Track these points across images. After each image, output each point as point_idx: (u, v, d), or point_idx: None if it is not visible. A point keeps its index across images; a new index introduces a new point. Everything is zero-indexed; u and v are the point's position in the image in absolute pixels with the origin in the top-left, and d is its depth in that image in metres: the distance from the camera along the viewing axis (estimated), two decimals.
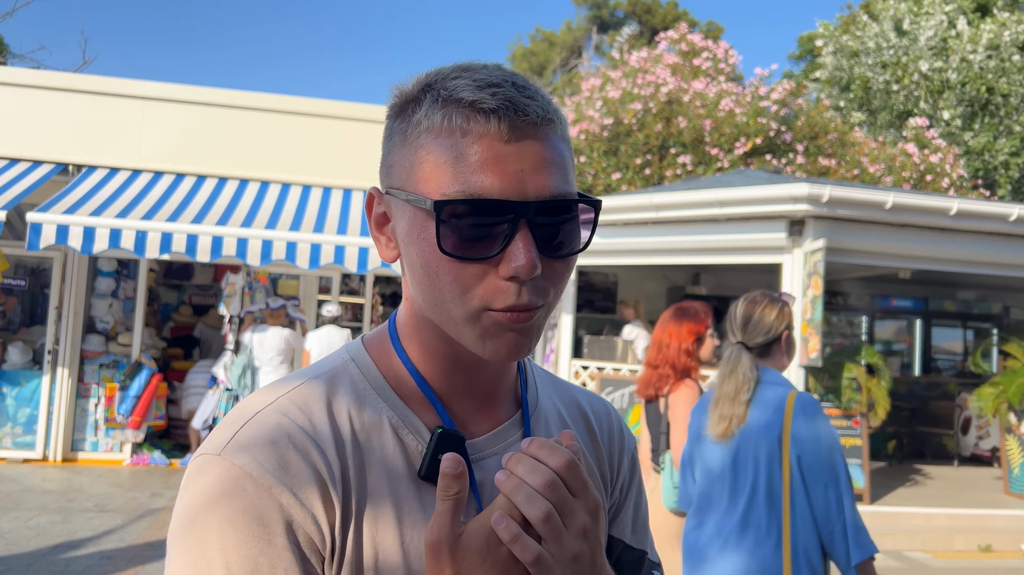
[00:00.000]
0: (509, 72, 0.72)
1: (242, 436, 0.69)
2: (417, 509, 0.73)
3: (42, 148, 8.01)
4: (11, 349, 7.93)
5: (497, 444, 0.80)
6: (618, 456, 0.92)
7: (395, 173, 0.73)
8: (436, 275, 0.69)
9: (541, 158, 0.68)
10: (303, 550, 0.67)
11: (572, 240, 0.71)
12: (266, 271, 8.12)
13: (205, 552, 0.65)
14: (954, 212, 6.61)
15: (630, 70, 12.84)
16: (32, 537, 5.35)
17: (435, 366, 0.78)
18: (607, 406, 0.96)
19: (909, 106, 16.79)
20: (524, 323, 0.69)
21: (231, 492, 0.66)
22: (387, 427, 0.75)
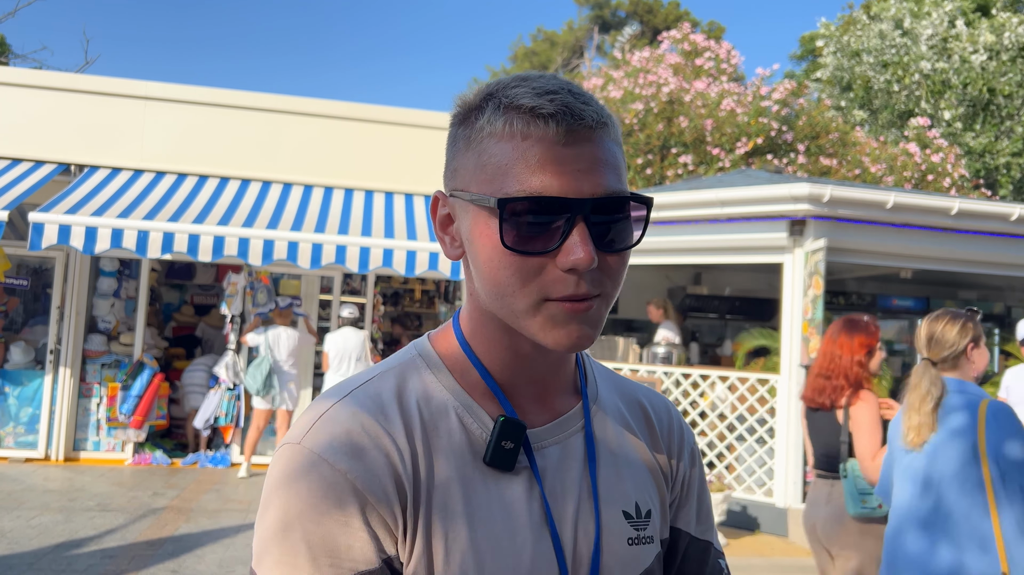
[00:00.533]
0: (565, 80, 0.77)
1: (320, 426, 0.75)
2: (483, 493, 0.77)
3: (44, 148, 8.03)
4: (13, 349, 7.94)
5: (558, 434, 0.84)
6: (678, 450, 0.96)
7: (459, 176, 0.78)
8: (499, 269, 0.74)
9: (596, 159, 0.73)
10: (377, 530, 0.72)
11: (625, 236, 0.76)
12: (268, 271, 8.13)
13: (287, 530, 0.71)
14: (955, 212, 6.61)
15: (632, 70, 12.84)
16: (34, 536, 5.37)
17: (497, 358, 0.82)
18: (666, 402, 1.00)
19: (910, 106, 16.77)
20: (583, 312, 0.74)
21: (310, 476, 0.72)
22: (453, 416, 0.80)
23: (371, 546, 0.72)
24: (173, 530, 5.71)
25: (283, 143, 8.45)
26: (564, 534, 0.79)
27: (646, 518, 0.86)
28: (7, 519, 5.73)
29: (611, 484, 0.85)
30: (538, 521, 0.78)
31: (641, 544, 0.85)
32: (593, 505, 0.82)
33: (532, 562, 0.76)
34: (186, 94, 8.34)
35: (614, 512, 0.84)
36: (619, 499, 0.85)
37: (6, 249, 7.58)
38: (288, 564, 0.70)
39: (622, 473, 0.87)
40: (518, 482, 0.79)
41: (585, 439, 0.85)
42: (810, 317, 6.38)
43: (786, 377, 6.66)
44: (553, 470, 0.81)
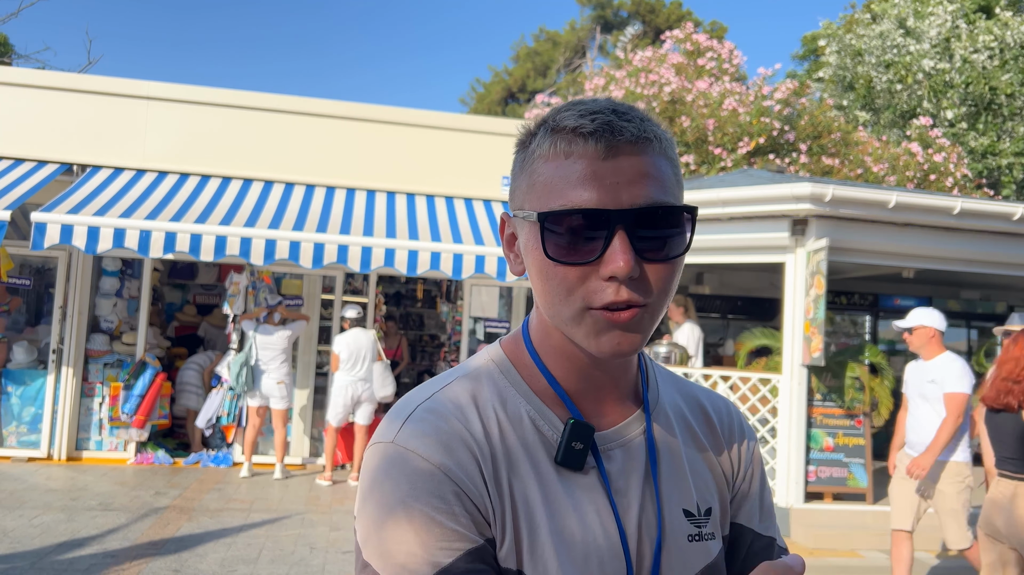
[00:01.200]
0: (615, 103, 0.81)
1: (408, 426, 0.81)
2: (560, 490, 0.82)
3: (47, 148, 8.04)
4: (16, 348, 7.95)
5: (622, 437, 0.88)
6: (738, 448, 1.00)
7: (516, 197, 0.84)
8: (547, 279, 0.79)
9: (637, 171, 0.77)
10: (472, 514, 0.77)
11: (671, 245, 0.79)
12: (270, 270, 8.14)
13: (395, 520, 0.75)
14: (958, 211, 6.60)
15: (634, 69, 12.84)
16: (36, 535, 5.37)
17: (563, 366, 0.87)
18: (727, 402, 1.04)
19: (912, 105, 16.75)
20: (624, 321, 0.77)
21: (406, 468, 0.77)
22: (526, 419, 0.85)
23: (472, 527, 0.76)
24: (175, 529, 5.72)
25: (285, 143, 8.46)
26: (629, 531, 0.84)
27: (706, 515, 0.91)
28: (9, 518, 5.73)
29: (672, 484, 0.89)
30: (606, 519, 0.83)
31: (702, 541, 0.89)
32: (655, 505, 0.87)
33: (601, 556, 0.81)
34: (188, 94, 8.35)
35: (675, 511, 0.88)
36: (680, 498, 0.89)
37: (9, 249, 7.59)
38: (403, 552, 0.74)
39: (682, 473, 0.91)
40: (587, 482, 0.84)
41: (647, 442, 0.90)
42: (812, 317, 6.38)
43: (788, 377, 6.66)
44: (618, 471, 0.86)
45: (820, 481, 6.72)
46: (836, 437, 6.79)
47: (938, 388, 4.63)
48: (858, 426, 6.91)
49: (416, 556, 0.74)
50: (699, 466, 0.94)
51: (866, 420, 6.93)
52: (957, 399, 4.54)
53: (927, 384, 4.71)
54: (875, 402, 7.02)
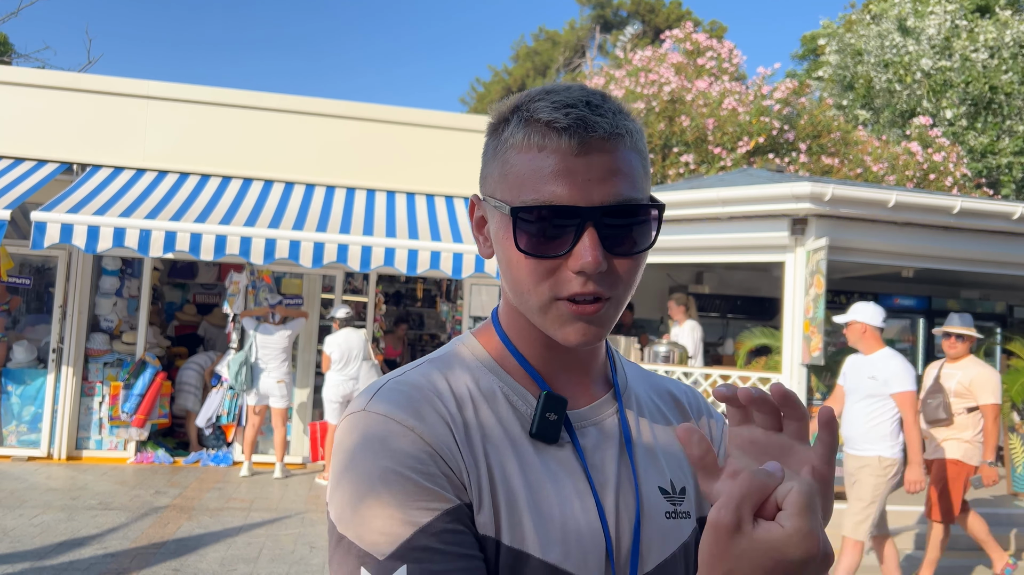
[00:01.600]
0: (588, 93, 0.81)
1: (380, 395, 0.81)
2: (536, 463, 0.83)
3: (47, 147, 8.04)
4: (16, 347, 7.95)
5: (595, 416, 0.89)
6: (709, 429, 1.01)
7: (488, 183, 0.85)
8: (516, 270, 0.81)
9: (608, 168, 0.78)
10: (448, 477, 0.77)
11: (637, 240, 0.81)
12: (270, 270, 8.14)
13: (371, 484, 0.75)
14: (957, 210, 6.60)
15: (633, 69, 12.84)
16: (37, 535, 5.38)
17: (532, 347, 0.88)
18: (693, 390, 1.06)
19: (912, 105, 16.75)
20: (591, 314, 0.79)
21: (382, 433, 0.77)
22: (500, 394, 0.86)
23: (450, 488, 0.76)
24: (175, 529, 5.72)
25: (285, 142, 8.46)
26: (606, 506, 0.84)
27: (681, 494, 0.91)
28: (10, 517, 5.74)
29: (647, 462, 0.90)
30: (583, 492, 0.83)
31: (678, 518, 0.90)
32: (632, 481, 0.87)
33: (580, 529, 0.81)
34: (188, 93, 8.35)
35: (651, 487, 0.89)
36: (655, 476, 0.90)
37: (9, 248, 7.59)
38: (380, 515, 0.74)
39: (655, 452, 0.92)
40: (563, 455, 0.84)
41: (620, 421, 0.91)
42: (811, 316, 6.38)
43: (788, 376, 6.66)
44: (593, 447, 0.87)
45: None
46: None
47: (879, 385, 4.59)
48: None
49: (394, 518, 0.73)
50: (672, 447, 0.94)
51: None
52: (909, 398, 4.51)
53: (867, 380, 4.67)
54: None
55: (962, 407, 5.23)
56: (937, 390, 5.38)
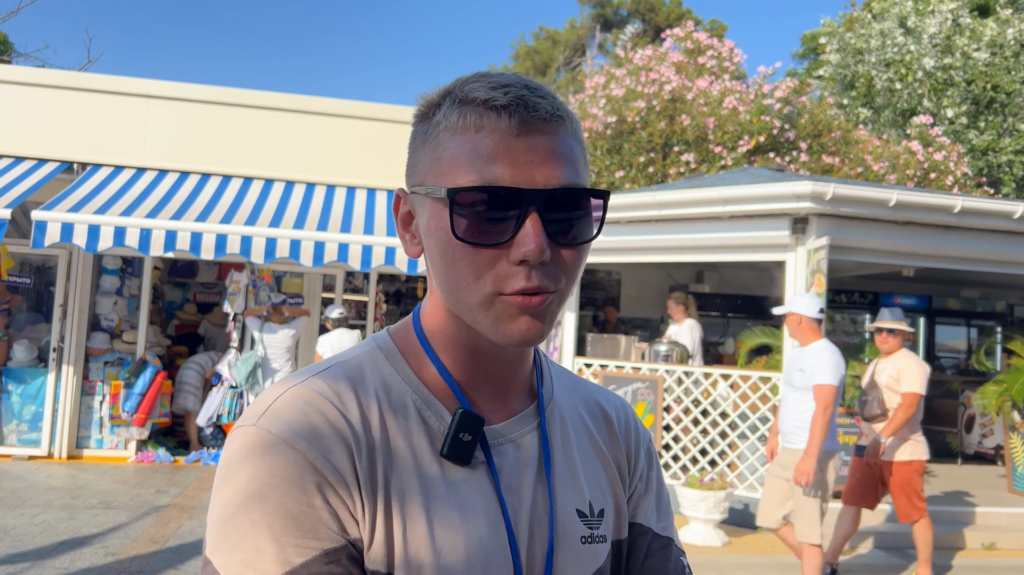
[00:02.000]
0: (524, 77, 0.77)
1: (275, 408, 0.74)
2: (441, 486, 0.76)
3: (47, 146, 8.04)
4: (16, 347, 7.95)
5: (514, 431, 0.83)
6: (635, 448, 0.96)
7: (417, 172, 0.78)
8: (452, 262, 0.73)
9: (550, 151, 0.73)
10: (338, 510, 0.70)
11: (582, 229, 0.75)
12: (270, 269, 8.14)
13: (247, 511, 0.68)
14: (958, 209, 6.60)
15: (634, 68, 12.83)
16: (38, 534, 5.38)
17: (456, 356, 0.82)
18: (622, 401, 1.00)
19: (913, 104, 16.75)
20: (535, 307, 0.73)
21: (268, 457, 0.70)
22: (412, 409, 0.79)
23: (335, 524, 0.70)
24: (176, 528, 5.72)
25: (285, 141, 8.46)
26: (519, 531, 0.79)
27: (599, 517, 0.86)
28: (11, 517, 5.74)
29: (565, 482, 0.85)
30: (494, 517, 0.77)
31: (594, 543, 0.85)
32: (548, 503, 0.82)
33: (487, 557, 0.75)
34: (188, 92, 8.35)
35: (568, 510, 0.83)
36: (573, 497, 0.85)
37: (9, 247, 7.59)
38: (250, 548, 0.67)
39: (576, 471, 0.87)
40: (475, 477, 0.78)
41: (540, 437, 0.85)
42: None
43: None
44: (509, 468, 0.81)
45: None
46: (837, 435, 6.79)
47: (806, 377, 4.49)
48: (858, 424, 6.91)
49: (266, 554, 0.67)
50: (593, 465, 0.89)
51: None
52: (824, 391, 4.38)
53: (796, 372, 4.59)
54: None
55: (896, 401, 5.22)
56: (872, 386, 5.38)
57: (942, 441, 10.11)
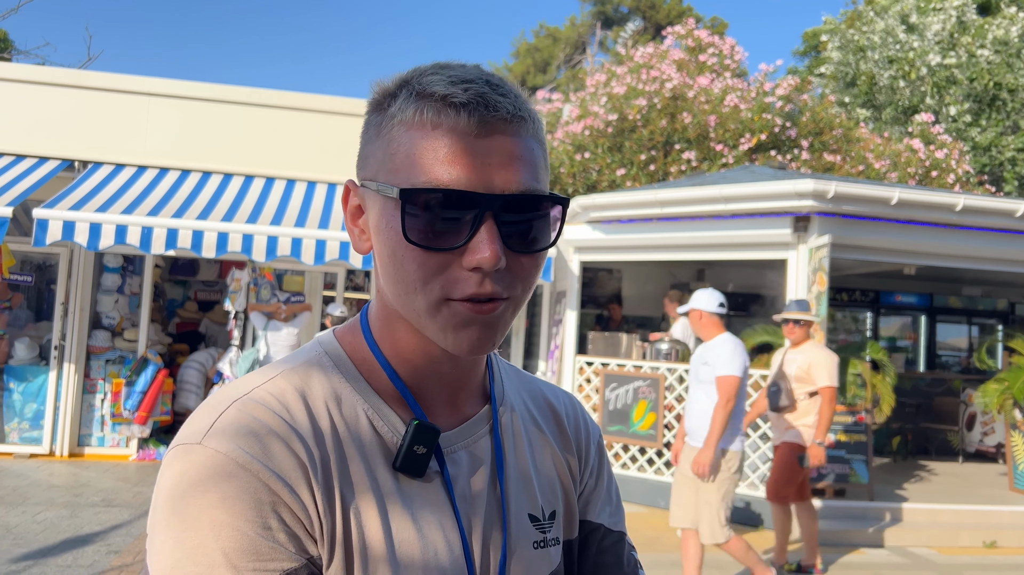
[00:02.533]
0: (486, 72, 0.74)
1: (221, 424, 0.69)
2: (397, 498, 0.74)
3: (48, 144, 8.03)
4: (18, 345, 7.95)
5: (466, 438, 0.81)
6: (585, 443, 0.95)
7: (368, 165, 0.74)
8: (401, 264, 0.70)
9: (510, 153, 0.69)
10: (295, 529, 0.67)
11: (539, 236, 0.72)
12: (271, 267, 8.14)
13: (199, 538, 0.64)
14: (960, 208, 6.60)
15: (635, 65, 12.82)
16: (39, 532, 5.38)
17: (406, 360, 0.78)
18: (570, 397, 0.99)
19: (915, 101, 16.73)
20: (486, 315, 0.70)
21: (219, 478, 0.65)
22: (363, 419, 0.76)
23: (292, 544, 0.66)
24: None
25: (287, 139, 8.45)
26: (473, 540, 0.77)
27: (550, 519, 0.85)
28: (13, 515, 5.74)
29: (518, 487, 0.83)
30: (449, 529, 0.76)
31: (547, 547, 0.83)
32: (501, 511, 0.80)
33: (443, 569, 0.74)
34: (188, 90, 8.34)
35: (520, 516, 0.82)
36: (526, 503, 0.83)
37: (10, 245, 7.58)
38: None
39: (528, 475, 0.85)
40: (430, 489, 0.76)
41: (493, 443, 0.83)
42: (814, 313, 6.38)
43: None
44: (463, 475, 0.79)
45: (821, 477, 6.72)
46: (837, 434, 6.80)
47: (710, 371, 4.43)
48: (860, 422, 6.92)
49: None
50: (545, 466, 0.88)
51: (868, 417, 6.94)
52: (727, 382, 4.31)
53: (701, 366, 4.53)
54: (877, 399, 7.03)
55: (803, 392, 5.21)
56: (780, 377, 5.37)
57: (943, 439, 10.11)
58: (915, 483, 8.02)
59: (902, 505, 6.81)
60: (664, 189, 7.40)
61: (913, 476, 8.40)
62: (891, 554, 6.10)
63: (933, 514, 6.79)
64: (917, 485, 7.92)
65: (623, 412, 7.33)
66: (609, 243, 7.69)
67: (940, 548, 6.31)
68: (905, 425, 9.78)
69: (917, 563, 5.92)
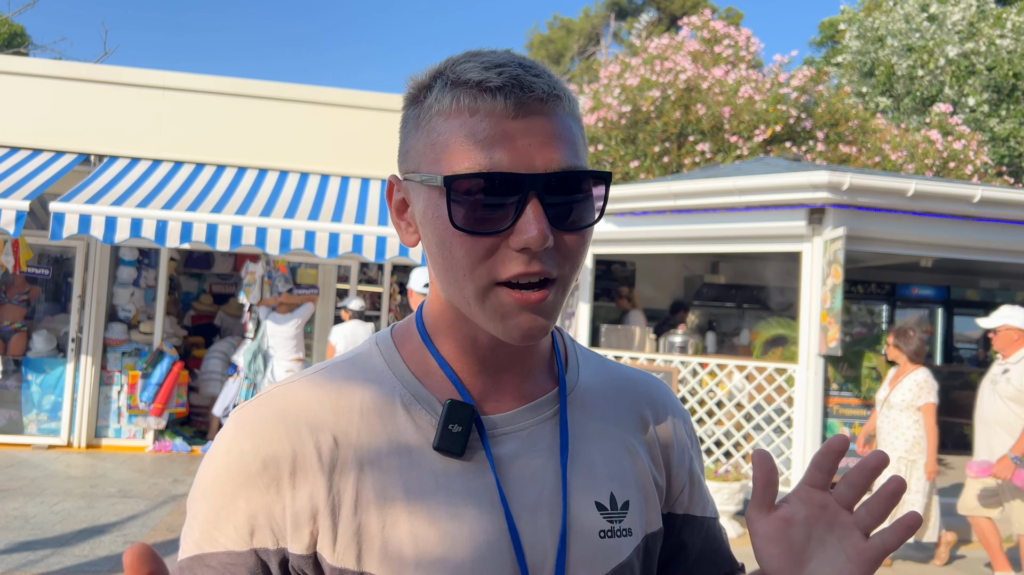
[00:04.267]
0: (517, 55, 0.75)
1: (256, 401, 0.78)
2: (429, 479, 0.75)
3: (64, 138, 8.09)
4: (36, 337, 8.04)
5: (524, 420, 0.81)
6: (674, 433, 0.93)
7: (411, 158, 0.76)
8: (450, 251, 0.71)
9: (549, 133, 0.70)
10: (256, 516, 0.73)
11: (584, 213, 0.73)
12: (285, 260, 8.17)
13: (197, 491, 0.77)
14: (977, 199, 6.53)
15: (649, 57, 12.75)
16: (57, 522, 5.44)
17: (457, 347, 0.80)
18: (662, 385, 0.97)
19: (933, 91, 16.55)
20: (537, 303, 0.71)
21: (224, 448, 0.76)
22: (398, 404, 0.78)
23: (245, 530, 0.73)
24: None
25: (300, 132, 8.47)
26: (521, 523, 0.76)
27: (623, 510, 0.82)
28: (31, 505, 5.81)
29: (584, 473, 0.81)
30: (490, 508, 0.74)
31: (616, 537, 0.80)
32: (561, 495, 0.78)
33: (478, 551, 0.73)
34: (203, 84, 8.37)
35: (585, 503, 0.80)
36: (592, 489, 0.81)
37: (28, 239, 7.66)
38: (190, 525, 0.76)
39: (596, 461, 0.82)
40: (469, 468, 0.76)
41: (559, 426, 0.82)
42: (829, 306, 6.33)
43: (804, 367, 6.62)
44: (515, 458, 0.78)
45: (837, 471, 6.69)
46: (853, 427, 6.76)
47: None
48: None
49: (193, 531, 0.75)
50: (619, 455, 0.85)
51: None
52: None
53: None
54: None
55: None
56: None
57: (959, 433, 10.03)
58: None
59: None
60: (678, 181, 7.36)
61: None
62: (904, 548, 6.06)
63: (946, 508, 6.74)
64: None
65: None
66: (622, 235, 7.66)
67: (957, 543, 6.26)
68: None
69: (932, 556, 5.89)
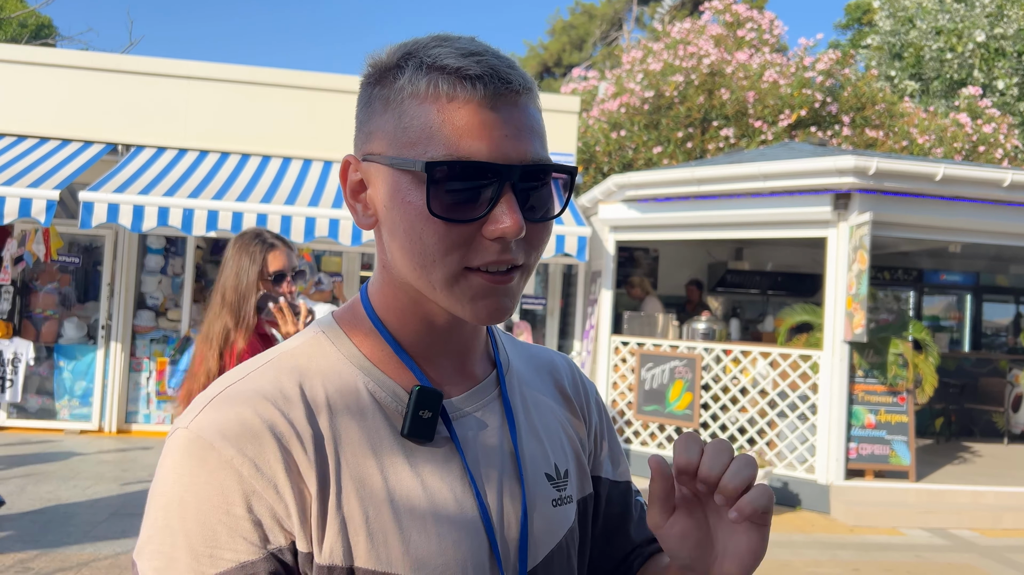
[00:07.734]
0: (485, 44, 0.74)
1: (210, 409, 0.71)
2: (403, 467, 0.74)
3: (92, 128, 8.20)
4: (67, 324, 8.19)
5: (476, 402, 0.82)
6: (586, 404, 0.97)
7: (376, 139, 0.74)
8: (420, 238, 0.70)
9: (522, 125, 0.71)
10: (261, 519, 0.68)
11: (550, 205, 0.74)
12: (310, 248, 8.24)
13: (168, 519, 0.67)
14: (1007, 184, 6.42)
15: (672, 41, 12.64)
16: (89, 506, 5.56)
17: (410, 330, 0.79)
18: (565, 358, 1.01)
19: (963, 75, 16.26)
20: (505, 285, 0.72)
21: (194, 461, 0.68)
22: (363, 392, 0.76)
23: (255, 535, 0.67)
24: None
25: (324, 121, 8.50)
26: (490, 501, 0.78)
27: (564, 478, 0.87)
28: (64, 489, 5.94)
29: (532, 448, 0.84)
30: (462, 491, 0.76)
31: (563, 504, 0.85)
32: (517, 470, 0.81)
33: (459, 532, 0.74)
34: (228, 73, 8.43)
35: (537, 475, 0.83)
36: (540, 462, 0.84)
37: (58, 228, 7.78)
38: (166, 555, 0.66)
39: (539, 435, 0.86)
40: (439, 453, 0.76)
41: (503, 405, 0.84)
42: (854, 292, 6.28)
43: (829, 353, 6.58)
44: (475, 439, 0.79)
45: (861, 458, 6.65)
46: (878, 414, 6.71)
47: None
48: (901, 403, 6.81)
49: (179, 563, 0.65)
50: (553, 427, 0.89)
51: (909, 397, 6.83)
52: None
53: None
54: (919, 379, 6.90)
55: None
56: None
57: (988, 420, 9.92)
58: (958, 464, 7.89)
59: (944, 486, 6.71)
60: (701, 167, 7.32)
61: (956, 457, 8.26)
62: (932, 535, 6.02)
63: (976, 496, 6.69)
64: (960, 466, 7.79)
65: (659, 392, 7.31)
66: (645, 222, 7.63)
67: (983, 530, 6.21)
68: (949, 406, 9.61)
69: (959, 545, 5.85)
